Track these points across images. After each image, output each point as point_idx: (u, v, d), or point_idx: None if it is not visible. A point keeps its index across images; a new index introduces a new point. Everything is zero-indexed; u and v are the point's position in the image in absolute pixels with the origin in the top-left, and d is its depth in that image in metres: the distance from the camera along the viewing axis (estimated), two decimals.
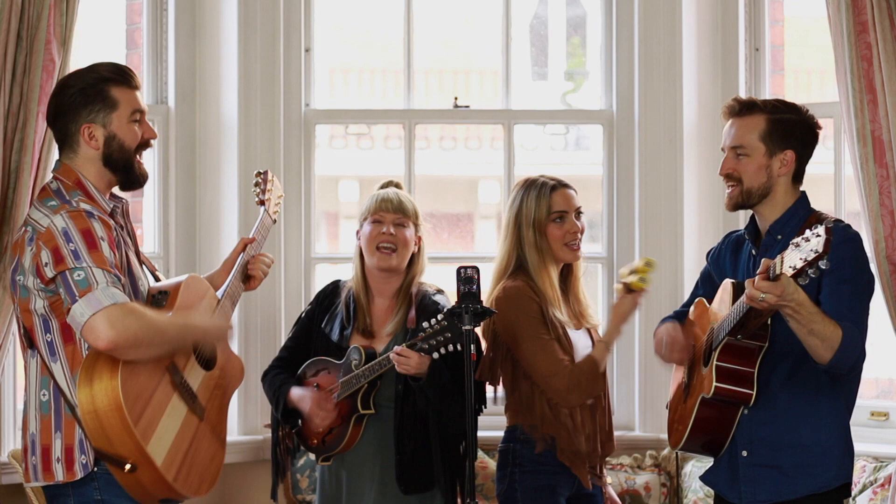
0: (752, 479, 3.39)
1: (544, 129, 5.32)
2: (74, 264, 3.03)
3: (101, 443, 3.05)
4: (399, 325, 3.93)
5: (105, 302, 3.00)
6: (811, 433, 3.34)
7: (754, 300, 3.05)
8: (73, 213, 3.09)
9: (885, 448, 4.49)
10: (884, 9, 4.06)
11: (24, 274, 3.13)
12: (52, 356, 3.14)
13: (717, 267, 3.60)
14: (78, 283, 3.01)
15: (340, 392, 3.87)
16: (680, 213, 4.92)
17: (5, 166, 3.98)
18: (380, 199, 3.97)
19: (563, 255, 3.84)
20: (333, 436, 3.90)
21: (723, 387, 3.30)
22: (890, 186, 4.10)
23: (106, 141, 3.22)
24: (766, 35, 4.97)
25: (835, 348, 3.15)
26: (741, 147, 3.41)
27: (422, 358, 3.68)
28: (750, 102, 3.45)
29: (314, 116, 5.01)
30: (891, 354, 4.45)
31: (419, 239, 3.99)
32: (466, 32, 7.89)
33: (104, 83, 3.23)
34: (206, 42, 4.92)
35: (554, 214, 3.83)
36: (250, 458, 4.80)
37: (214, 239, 4.90)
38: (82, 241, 3.06)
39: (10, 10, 3.94)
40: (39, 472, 3.15)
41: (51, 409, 3.13)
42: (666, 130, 4.93)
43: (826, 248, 2.84)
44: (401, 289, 3.97)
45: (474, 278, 3.46)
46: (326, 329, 4.01)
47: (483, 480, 4.65)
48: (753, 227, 3.48)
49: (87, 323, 2.99)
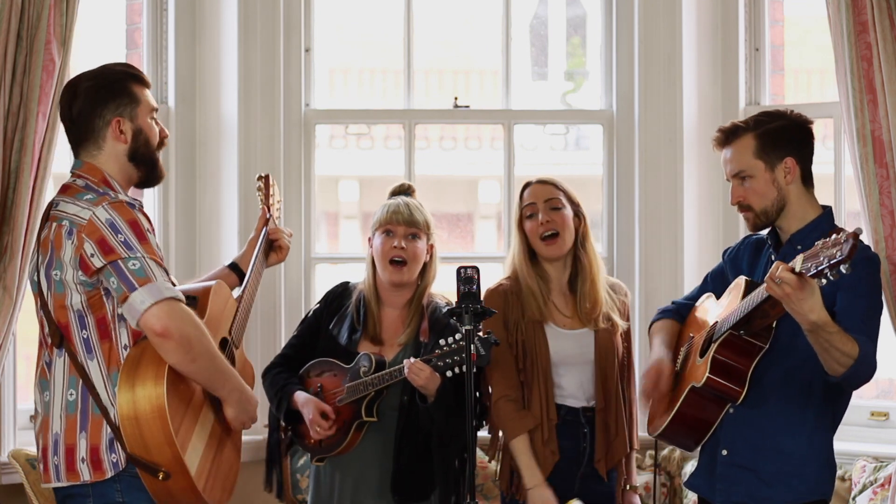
0: (728, 479, 3.39)
1: (544, 129, 5.32)
2: (128, 254, 3.02)
3: (137, 449, 3.03)
4: (411, 335, 3.93)
5: (166, 294, 3.00)
6: (793, 442, 3.33)
7: (772, 281, 3.03)
8: (115, 205, 3.08)
9: (885, 448, 4.49)
10: (884, 9, 4.06)
11: (61, 268, 3.09)
12: (89, 353, 3.11)
13: (734, 265, 3.59)
14: (135, 272, 3.00)
15: (345, 397, 3.87)
16: (680, 213, 4.92)
17: (5, 166, 3.97)
18: (391, 210, 3.95)
19: (540, 250, 3.88)
20: (331, 440, 3.90)
21: (714, 379, 3.30)
22: (890, 186, 4.10)
23: (134, 135, 3.23)
24: (766, 35, 4.97)
25: (850, 364, 3.15)
26: (742, 171, 3.41)
27: (433, 374, 3.69)
28: (733, 128, 3.45)
29: (314, 116, 5.01)
30: (891, 354, 4.45)
31: (431, 247, 3.98)
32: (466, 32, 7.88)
33: (125, 79, 3.25)
34: (206, 42, 4.92)
35: (526, 210, 3.89)
36: (250, 458, 4.78)
37: (214, 239, 4.90)
38: (131, 231, 3.05)
39: (10, 10, 3.93)
40: (63, 472, 3.11)
41: (77, 409, 3.10)
42: (666, 130, 4.93)
43: (851, 253, 2.83)
44: (412, 299, 3.97)
45: (474, 278, 3.47)
46: (334, 331, 4.00)
47: (483, 480, 4.65)
48: (775, 236, 3.48)
49: (149, 310, 2.97)
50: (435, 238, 4.00)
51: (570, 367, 3.87)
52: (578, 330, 3.89)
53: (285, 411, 3.95)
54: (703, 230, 4.94)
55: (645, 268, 4.93)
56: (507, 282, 3.91)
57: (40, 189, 4.04)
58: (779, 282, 3.01)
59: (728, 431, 3.38)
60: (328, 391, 3.92)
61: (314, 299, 4.97)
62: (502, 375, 3.84)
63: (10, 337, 4.12)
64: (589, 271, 3.90)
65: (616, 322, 3.92)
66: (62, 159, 4.53)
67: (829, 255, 2.89)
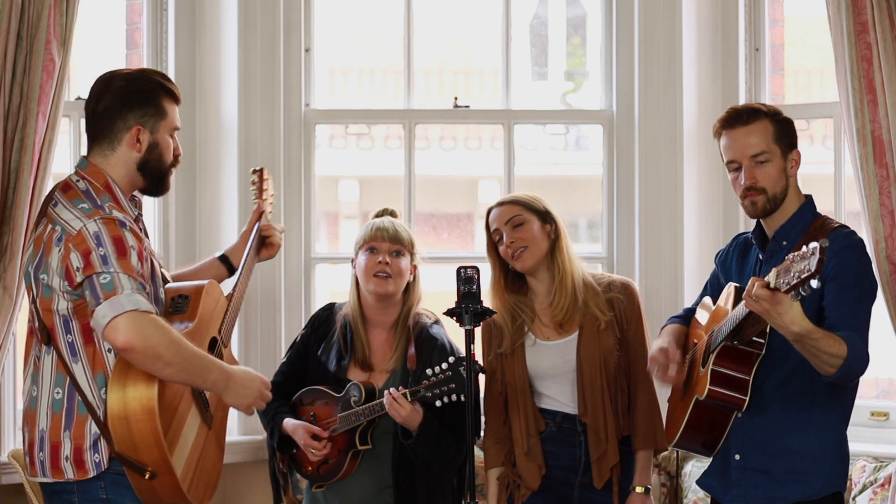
0: (743, 483, 3.40)
1: (544, 129, 5.32)
2: (102, 269, 3.03)
3: (125, 448, 3.05)
4: (398, 361, 3.93)
5: (128, 306, 2.99)
6: (803, 441, 3.33)
7: (749, 299, 3.05)
8: (106, 220, 3.09)
9: (885, 448, 4.48)
10: (884, 9, 4.06)
11: (48, 273, 3.12)
12: (74, 357, 3.13)
13: (724, 269, 3.60)
14: (103, 286, 3.01)
15: (338, 427, 3.87)
16: (680, 213, 4.91)
17: (5, 166, 3.98)
18: (375, 227, 3.96)
19: (515, 266, 3.88)
20: (329, 467, 3.91)
21: (716, 390, 3.30)
22: (890, 186, 4.10)
23: (149, 147, 3.23)
24: (766, 35, 4.97)
25: (839, 365, 3.15)
26: (763, 153, 3.36)
27: (415, 409, 3.71)
28: (752, 109, 3.41)
29: (314, 116, 5.01)
30: (891, 354, 4.45)
31: (414, 268, 3.98)
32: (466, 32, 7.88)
33: (159, 90, 3.25)
34: (206, 42, 4.92)
35: (494, 235, 3.91)
36: (250, 458, 4.79)
37: (214, 239, 4.89)
38: (112, 247, 3.05)
39: (10, 10, 3.94)
40: (48, 468, 3.15)
41: (62, 408, 3.13)
42: (666, 130, 4.92)
43: (819, 267, 2.83)
44: (398, 320, 3.96)
45: (474, 278, 3.47)
46: (322, 357, 4.00)
47: (483, 480, 4.64)
48: (760, 232, 3.47)
49: (110, 324, 2.98)
50: (419, 260, 4.00)
51: (555, 377, 3.86)
52: (563, 339, 3.87)
53: (278, 439, 3.97)
54: (703, 230, 4.94)
55: (645, 268, 4.93)
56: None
57: (40, 189, 4.05)
58: (755, 299, 3.02)
59: (738, 436, 3.39)
60: (321, 420, 3.93)
61: (314, 299, 4.98)
62: (489, 400, 3.92)
63: (10, 337, 4.12)
64: (561, 277, 3.87)
65: (599, 317, 3.85)
66: (62, 159, 4.54)
67: (798, 270, 2.90)
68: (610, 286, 3.92)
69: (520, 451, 3.84)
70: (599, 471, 3.81)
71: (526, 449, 3.83)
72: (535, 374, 3.87)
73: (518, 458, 3.85)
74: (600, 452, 3.81)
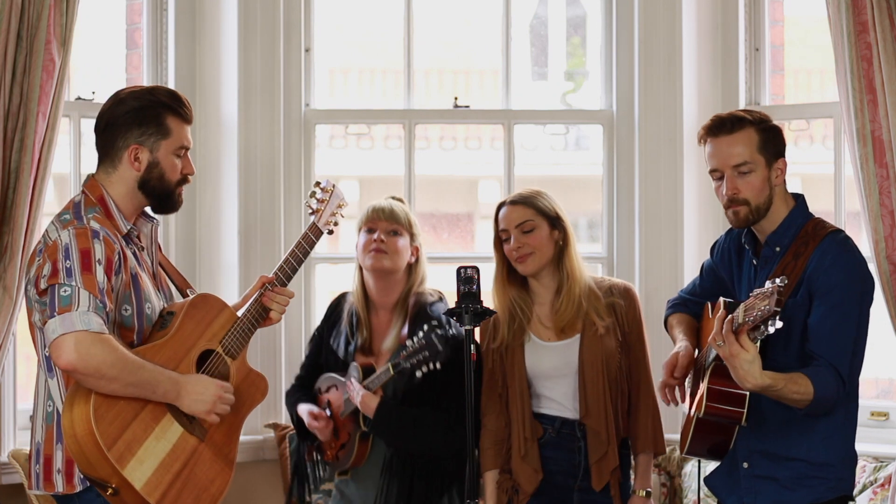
0: (752, 491, 3.40)
1: (544, 129, 5.32)
2: (65, 280, 3.00)
3: (83, 466, 3.04)
4: (395, 340, 3.93)
5: (78, 326, 2.96)
6: (807, 448, 3.33)
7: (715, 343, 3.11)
8: (78, 231, 3.06)
9: (885, 448, 4.48)
10: (884, 9, 4.06)
11: (26, 286, 3.13)
12: (50, 372, 3.13)
13: (723, 263, 3.56)
14: (61, 299, 2.99)
15: (344, 410, 3.90)
16: (680, 213, 4.92)
17: (5, 166, 3.98)
18: (372, 208, 3.98)
19: (517, 268, 3.87)
20: (345, 451, 3.93)
21: (714, 406, 3.28)
22: (890, 186, 4.10)
23: (149, 166, 3.21)
24: (766, 35, 4.97)
25: (808, 402, 3.18)
26: (746, 163, 3.30)
27: (367, 395, 3.76)
28: (736, 117, 3.34)
29: (314, 116, 5.01)
30: (891, 354, 4.45)
31: (416, 249, 3.98)
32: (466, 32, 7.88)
33: (162, 109, 3.23)
34: (206, 42, 4.92)
35: (502, 234, 3.90)
36: (250, 458, 4.79)
37: (214, 239, 4.89)
38: (78, 260, 3.02)
39: (10, 10, 3.94)
40: (41, 481, 3.14)
41: (54, 421, 3.12)
42: (666, 130, 4.92)
43: (777, 306, 2.87)
44: (399, 300, 3.97)
45: (474, 278, 3.46)
46: (334, 345, 4.03)
47: None
48: (752, 237, 3.44)
49: (56, 341, 2.96)
50: (421, 241, 4.00)
51: (556, 379, 3.85)
52: (563, 341, 3.87)
53: (298, 426, 4.04)
54: (703, 230, 4.94)
55: (645, 268, 4.93)
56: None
57: (40, 189, 4.05)
58: (721, 343, 3.07)
59: (744, 445, 3.39)
60: (334, 406, 3.96)
61: (314, 299, 4.98)
62: (488, 400, 3.91)
63: (10, 337, 4.12)
64: (570, 285, 3.86)
65: (596, 322, 3.84)
66: (62, 159, 4.54)
67: (760, 310, 2.93)
68: (610, 291, 3.91)
69: (517, 455, 3.84)
70: (599, 473, 3.81)
71: (523, 452, 3.82)
72: (536, 375, 3.86)
73: (514, 462, 3.85)
74: (601, 454, 3.80)
